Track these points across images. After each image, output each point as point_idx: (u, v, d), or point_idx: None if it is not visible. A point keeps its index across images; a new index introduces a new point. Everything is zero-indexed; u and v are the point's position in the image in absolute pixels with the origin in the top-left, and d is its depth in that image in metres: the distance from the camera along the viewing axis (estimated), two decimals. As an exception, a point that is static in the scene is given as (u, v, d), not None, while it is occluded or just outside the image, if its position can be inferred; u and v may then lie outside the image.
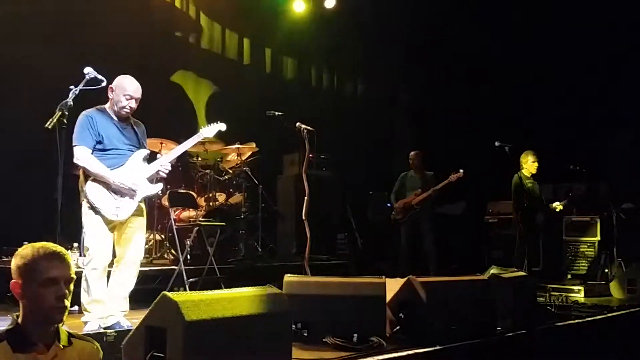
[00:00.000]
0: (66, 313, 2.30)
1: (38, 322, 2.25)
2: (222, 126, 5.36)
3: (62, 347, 2.28)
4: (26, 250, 2.28)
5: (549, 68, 10.32)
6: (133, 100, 4.62)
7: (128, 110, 4.64)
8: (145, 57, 8.21)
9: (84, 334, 2.72)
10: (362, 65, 11.67)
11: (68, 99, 4.20)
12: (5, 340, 2.20)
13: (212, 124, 5.32)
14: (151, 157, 4.94)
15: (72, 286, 2.33)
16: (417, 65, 11.21)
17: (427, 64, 10.96)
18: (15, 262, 2.28)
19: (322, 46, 11.31)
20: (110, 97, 4.62)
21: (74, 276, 2.35)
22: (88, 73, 4.40)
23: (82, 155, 4.42)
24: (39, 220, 5.88)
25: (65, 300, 2.27)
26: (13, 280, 2.26)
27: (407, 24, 10.80)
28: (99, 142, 4.51)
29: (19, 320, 2.26)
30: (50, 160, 4.21)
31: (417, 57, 11.11)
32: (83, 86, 4.35)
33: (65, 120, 4.10)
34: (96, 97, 4.55)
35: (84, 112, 4.55)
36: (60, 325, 2.35)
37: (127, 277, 4.57)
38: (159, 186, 4.87)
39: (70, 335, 2.38)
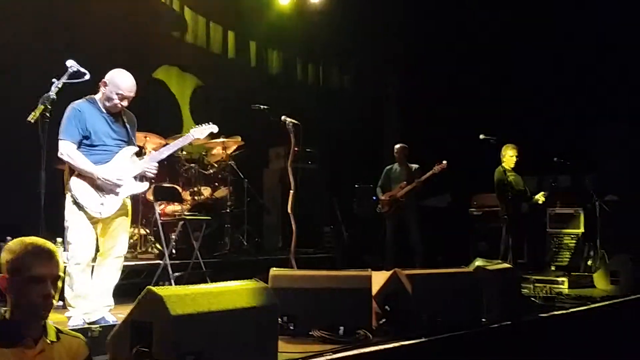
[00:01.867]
0: (51, 310, 2.29)
1: (24, 317, 2.24)
2: (214, 128, 5.34)
3: (49, 342, 2.27)
4: (15, 245, 2.26)
5: (535, 61, 10.37)
6: (125, 100, 4.53)
7: (119, 109, 4.57)
8: (128, 49, 8.14)
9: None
10: (349, 58, 11.66)
11: (50, 92, 4.14)
12: None
13: (203, 125, 5.29)
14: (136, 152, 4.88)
15: (60, 283, 2.31)
16: (404, 59, 11.23)
17: (414, 58, 10.97)
18: (3, 256, 2.26)
19: (308, 39, 11.28)
20: (102, 90, 4.53)
21: (62, 274, 2.33)
22: (71, 66, 4.33)
23: (67, 150, 4.36)
24: (22, 215, 5.82)
25: (51, 298, 2.25)
26: (0, 275, 2.25)
27: (395, 16, 10.80)
28: (86, 137, 4.44)
29: (7, 315, 2.25)
30: (33, 154, 4.17)
31: (405, 51, 11.12)
32: (66, 79, 4.29)
33: (47, 114, 4.04)
34: (79, 90, 4.48)
35: (72, 104, 4.46)
36: (47, 320, 2.34)
37: (111, 272, 4.53)
38: (145, 185, 4.80)
39: (58, 330, 2.37)
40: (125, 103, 4.56)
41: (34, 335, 2.24)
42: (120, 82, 4.50)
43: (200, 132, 5.25)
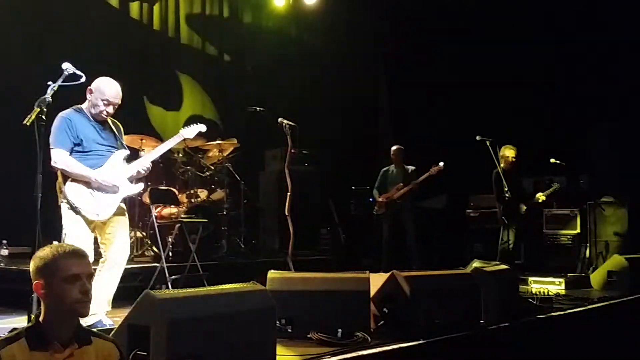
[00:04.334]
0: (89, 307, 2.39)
1: (63, 319, 2.31)
2: (202, 127, 5.37)
3: (77, 346, 2.33)
4: (45, 251, 2.36)
5: (531, 61, 10.38)
6: (111, 106, 4.56)
7: (105, 116, 4.59)
8: (125, 52, 8.15)
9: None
10: (344, 60, 11.66)
11: (46, 95, 4.13)
12: (23, 337, 2.26)
13: (192, 125, 5.32)
14: (133, 154, 4.89)
15: (92, 281, 2.41)
16: (398, 59, 11.23)
17: (408, 58, 10.98)
18: (34, 263, 2.35)
19: (303, 42, 11.30)
20: (88, 98, 4.56)
21: (93, 272, 2.43)
22: (67, 69, 4.31)
23: (60, 158, 4.37)
24: (18, 218, 5.81)
25: (89, 294, 2.34)
26: (35, 281, 2.33)
27: (387, 17, 10.81)
28: (78, 144, 4.46)
29: (40, 319, 2.32)
30: (28, 157, 4.16)
31: (398, 51, 11.13)
32: (61, 82, 4.28)
33: (43, 117, 4.03)
34: (75, 92, 4.48)
35: (60, 114, 4.48)
36: (81, 323, 2.42)
37: (110, 279, 4.51)
38: (140, 186, 4.83)
39: (91, 333, 2.44)
40: (110, 109, 4.58)
41: (65, 339, 2.31)
42: (105, 88, 4.52)
43: (189, 132, 5.27)
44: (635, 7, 9.11)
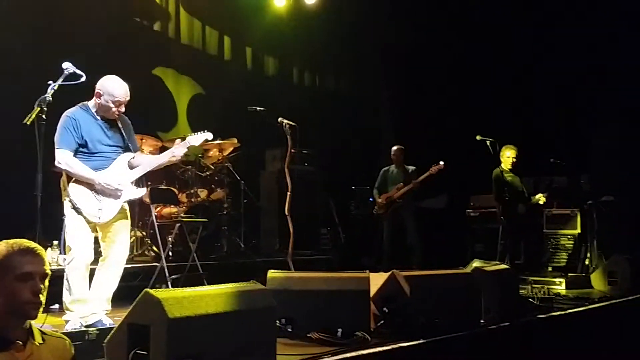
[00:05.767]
0: (41, 309, 2.29)
1: (13, 319, 2.23)
2: (209, 135, 5.35)
3: (37, 344, 2.28)
4: None
5: (529, 62, 10.38)
6: (122, 106, 4.55)
7: (117, 115, 4.59)
8: (124, 51, 8.13)
9: (65, 332, 2.70)
10: (343, 60, 11.66)
11: (46, 95, 4.14)
12: None
13: (198, 133, 5.30)
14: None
15: (47, 282, 2.32)
16: (398, 60, 11.23)
17: (408, 59, 10.98)
18: None
19: (303, 42, 11.29)
20: (96, 101, 4.53)
21: (49, 272, 2.34)
22: (67, 68, 4.32)
23: (64, 159, 4.36)
24: (18, 217, 5.80)
25: (41, 295, 2.26)
26: None
27: (387, 19, 10.81)
28: (83, 145, 4.45)
29: None
30: (29, 156, 4.16)
31: (398, 53, 11.13)
32: (62, 81, 4.28)
33: (44, 116, 4.04)
34: (75, 91, 4.47)
35: (66, 113, 4.47)
36: (34, 322, 2.34)
37: (110, 278, 4.52)
38: (143, 190, 4.87)
39: (42, 332, 2.38)
40: (122, 109, 4.58)
41: (21, 338, 2.24)
42: (114, 89, 4.50)
43: (195, 140, 5.25)
44: (635, 6, 9.11)
